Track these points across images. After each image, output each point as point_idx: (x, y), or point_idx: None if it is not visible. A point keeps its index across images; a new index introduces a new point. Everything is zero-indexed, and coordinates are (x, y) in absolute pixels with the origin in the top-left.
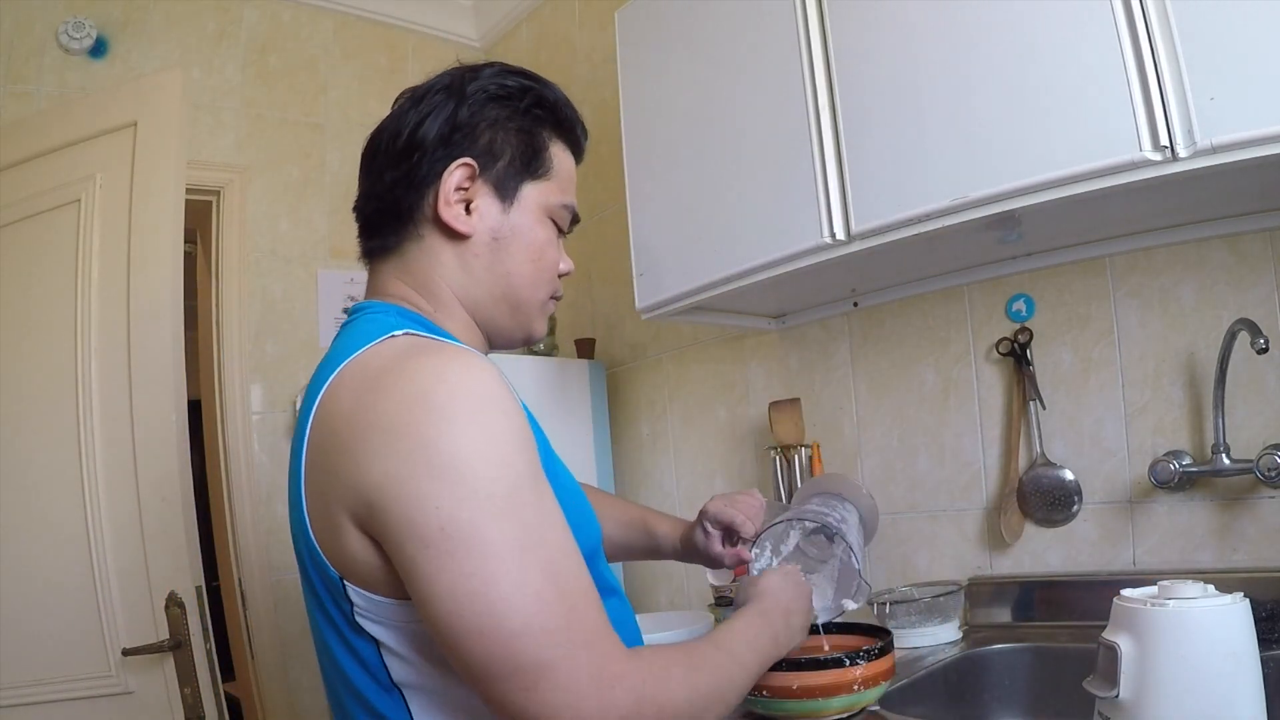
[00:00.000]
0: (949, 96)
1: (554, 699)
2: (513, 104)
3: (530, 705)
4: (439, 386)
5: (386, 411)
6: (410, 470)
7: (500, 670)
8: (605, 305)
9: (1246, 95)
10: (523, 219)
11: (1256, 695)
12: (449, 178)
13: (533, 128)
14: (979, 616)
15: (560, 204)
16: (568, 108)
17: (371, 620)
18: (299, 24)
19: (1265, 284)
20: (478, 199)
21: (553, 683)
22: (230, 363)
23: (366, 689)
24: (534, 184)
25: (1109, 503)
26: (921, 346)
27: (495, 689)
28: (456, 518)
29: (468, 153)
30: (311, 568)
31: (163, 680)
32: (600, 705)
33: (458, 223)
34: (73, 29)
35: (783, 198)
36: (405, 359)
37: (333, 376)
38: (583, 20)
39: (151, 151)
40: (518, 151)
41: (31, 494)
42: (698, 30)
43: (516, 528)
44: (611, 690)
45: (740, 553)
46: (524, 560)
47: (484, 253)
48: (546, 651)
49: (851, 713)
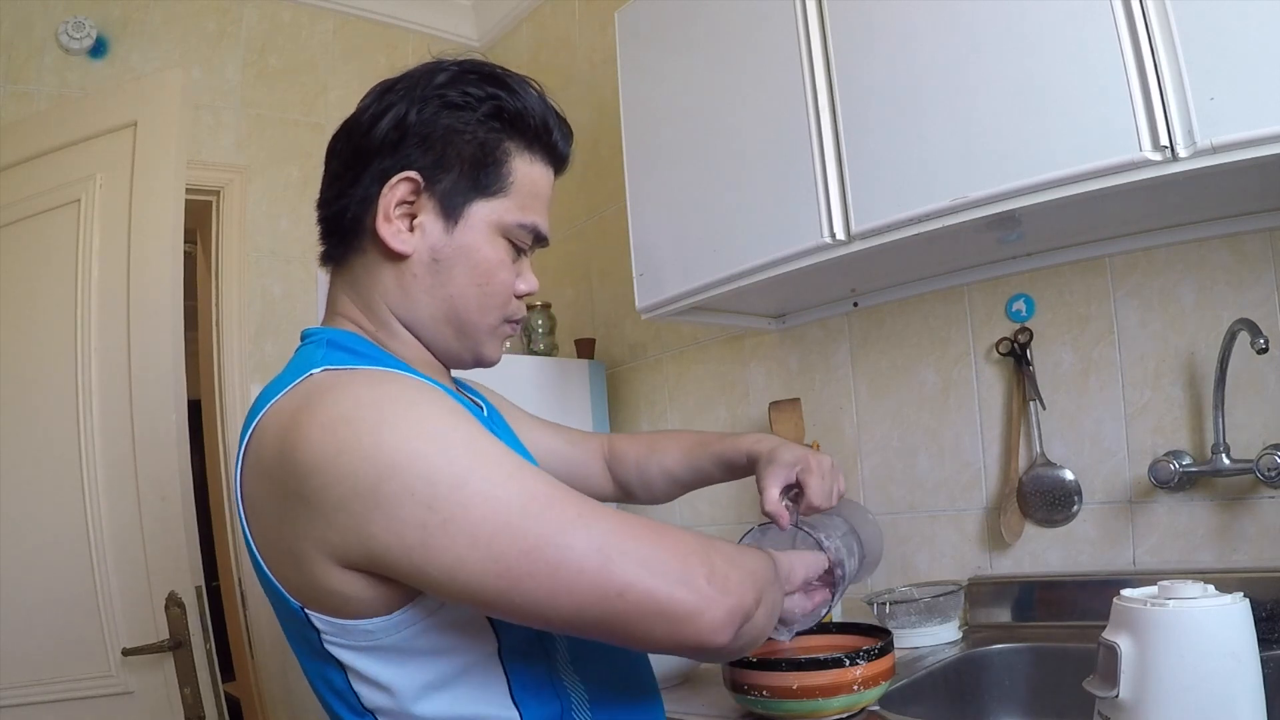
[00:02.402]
0: (949, 96)
1: (637, 557)
2: (468, 114)
3: (617, 577)
4: (351, 406)
5: (312, 448)
6: (369, 487)
7: (566, 576)
8: (605, 305)
9: (1246, 95)
10: (468, 238)
11: (1256, 695)
12: (390, 192)
13: (489, 140)
14: (979, 616)
15: (517, 223)
16: (537, 116)
17: (339, 645)
18: (299, 24)
19: (1265, 284)
20: (422, 214)
21: (623, 550)
22: (230, 363)
23: (343, 714)
24: (486, 202)
25: (1109, 503)
26: (921, 346)
27: (579, 592)
28: (434, 493)
29: (415, 163)
30: (274, 600)
31: (163, 680)
32: (670, 551)
33: (395, 240)
34: (73, 29)
35: (783, 198)
36: (315, 396)
37: (254, 423)
38: (583, 20)
39: (151, 151)
40: (469, 165)
41: (31, 494)
42: (698, 30)
43: (488, 466)
44: (675, 534)
45: (779, 516)
46: (519, 486)
47: (422, 274)
48: (596, 531)
49: (851, 713)
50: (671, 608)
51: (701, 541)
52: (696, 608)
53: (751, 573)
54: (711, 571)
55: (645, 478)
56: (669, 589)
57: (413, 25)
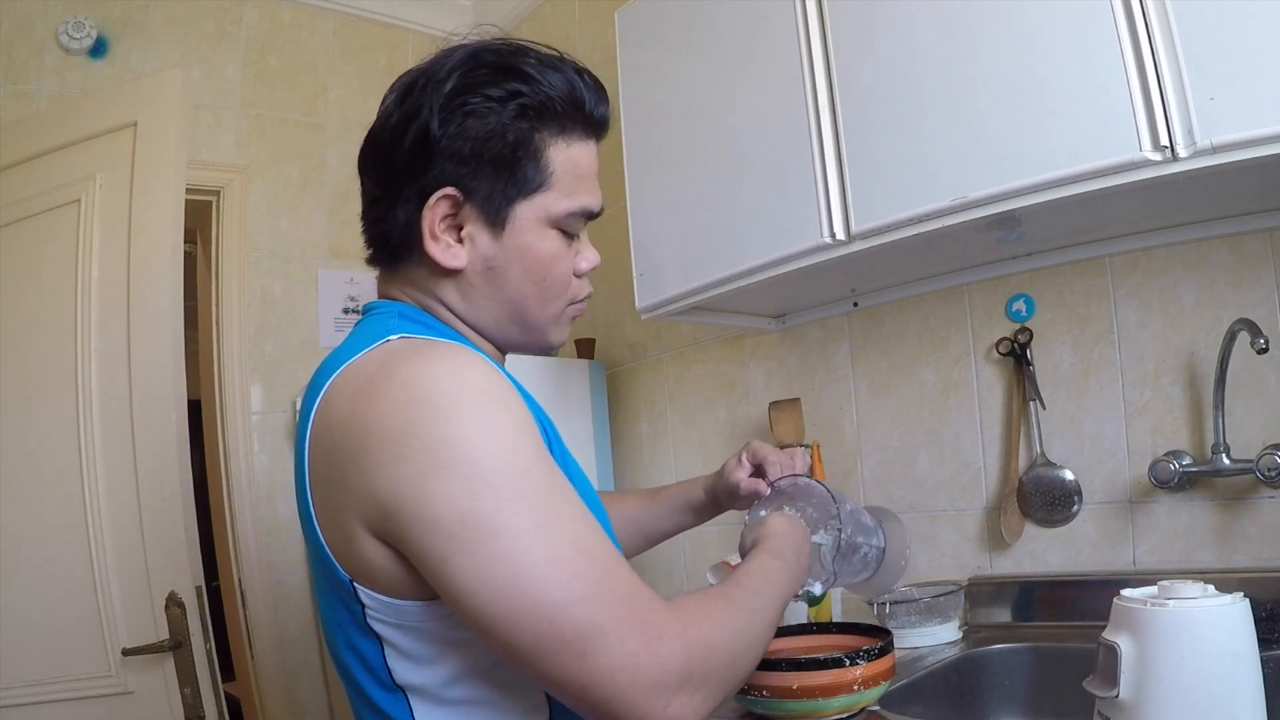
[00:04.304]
0: (949, 96)
1: (608, 661)
2: (492, 117)
3: (584, 672)
4: (432, 386)
5: (384, 419)
6: (420, 473)
7: (549, 646)
8: (605, 305)
9: (1246, 95)
10: (518, 240)
11: (1256, 695)
12: (430, 212)
13: (519, 138)
14: (979, 616)
15: (565, 212)
16: (564, 98)
17: (381, 621)
18: (299, 24)
19: (1265, 284)
20: (468, 225)
21: (603, 646)
22: (230, 363)
23: (371, 689)
24: (528, 200)
25: (1109, 503)
26: (921, 346)
27: (548, 666)
28: (474, 509)
29: (449, 177)
30: (321, 571)
31: (163, 680)
32: (654, 658)
33: (445, 258)
34: (73, 29)
35: (783, 198)
36: (395, 363)
37: (328, 384)
38: (583, 20)
39: (151, 151)
40: (503, 169)
41: (31, 494)
42: (698, 30)
43: (534, 507)
44: (660, 641)
45: (759, 485)
46: (548, 536)
47: (480, 283)
48: (590, 617)
49: (851, 713)
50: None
51: (696, 655)
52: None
53: (722, 684)
54: (686, 695)
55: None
56: (634, 699)
57: (413, 25)
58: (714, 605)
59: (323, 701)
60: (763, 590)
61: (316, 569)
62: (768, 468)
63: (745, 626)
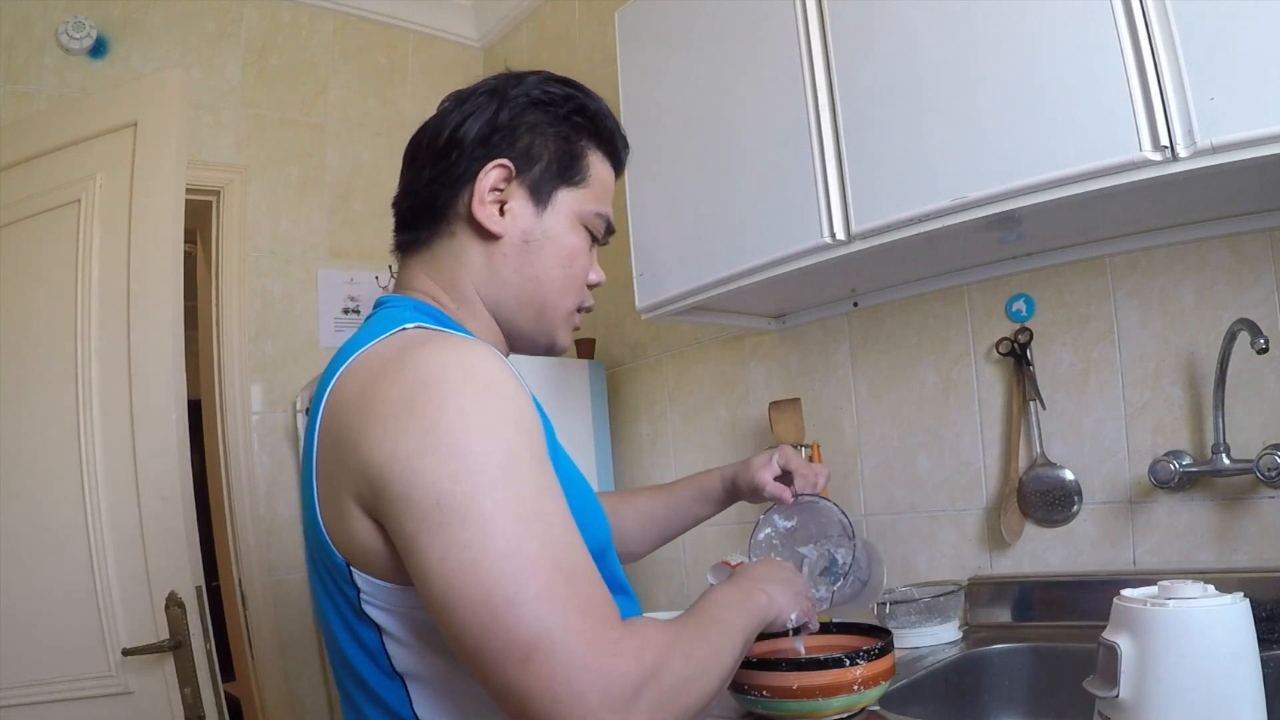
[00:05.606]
0: (949, 96)
1: (549, 671)
2: (554, 110)
3: (525, 679)
4: (440, 370)
5: (389, 397)
6: (408, 449)
7: (493, 644)
8: (605, 305)
9: (1246, 95)
10: (555, 223)
11: (1256, 695)
12: (484, 178)
13: (571, 135)
14: (979, 616)
15: (595, 212)
16: (610, 120)
17: (376, 607)
18: (299, 24)
19: (1265, 284)
20: (512, 200)
21: (547, 653)
22: (230, 363)
23: (370, 676)
24: (569, 190)
25: (1109, 503)
26: (921, 346)
27: (491, 667)
28: (453, 491)
29: (505, 154)
30: (319, 554)
31: (163, 680)
32: (600, 674)
33: (490, 222)
34: (73, 29)
35: (783, 198)
36: (410, 349)
37: (343, 368)
38: (583, 20)
39: (151, 151)
40: (555, 157)
41: (31, 494)
42: (698, 30)
43: (512, 499)
44: (612, 659)
45: (784, 493)
46: (518, 530)
47: (513, 254)
48: (540, 620)
49: (851, 713)
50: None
51: (648, 678)
52: None
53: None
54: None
55: (618, 523)
56: (573, 717)
57: (413, 25)
58: (674, 632)
59: (323, 701)
60: (723, 618)
61: (314, 554)
62: (796, 478)
63: (705, 656)
